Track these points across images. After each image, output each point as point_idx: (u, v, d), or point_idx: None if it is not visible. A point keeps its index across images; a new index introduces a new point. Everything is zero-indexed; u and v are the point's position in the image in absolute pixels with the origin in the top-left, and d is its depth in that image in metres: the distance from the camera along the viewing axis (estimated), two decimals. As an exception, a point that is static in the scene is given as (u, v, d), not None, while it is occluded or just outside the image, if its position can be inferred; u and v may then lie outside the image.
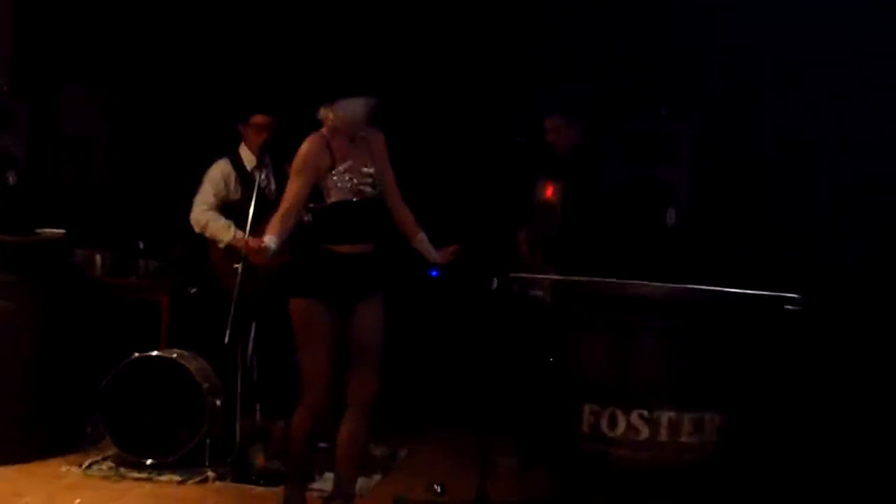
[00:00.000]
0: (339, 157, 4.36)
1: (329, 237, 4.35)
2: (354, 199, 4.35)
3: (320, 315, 4.32)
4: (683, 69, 5.58)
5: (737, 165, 5.17)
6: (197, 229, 5.53)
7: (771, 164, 5.16)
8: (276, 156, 5.55)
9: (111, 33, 6.79)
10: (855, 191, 5.13)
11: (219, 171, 5.59)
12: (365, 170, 4.38)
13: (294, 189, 4.35)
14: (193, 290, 5.81)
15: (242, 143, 5.66)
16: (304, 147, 4.37)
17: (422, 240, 4.52)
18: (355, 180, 4.35)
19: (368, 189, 4.38)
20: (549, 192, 5.01)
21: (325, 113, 4.38)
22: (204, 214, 5.49)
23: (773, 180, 5.17)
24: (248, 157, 5.61)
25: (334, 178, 4.34)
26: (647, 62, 5.96)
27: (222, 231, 5.43)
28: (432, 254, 4.53)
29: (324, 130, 4.39)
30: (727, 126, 5.16)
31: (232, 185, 5.56)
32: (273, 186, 5.53)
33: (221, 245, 5.42)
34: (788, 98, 5.25)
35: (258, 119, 5.61)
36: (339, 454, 4.43)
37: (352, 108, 4.34)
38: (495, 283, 4.78)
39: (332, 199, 4.35)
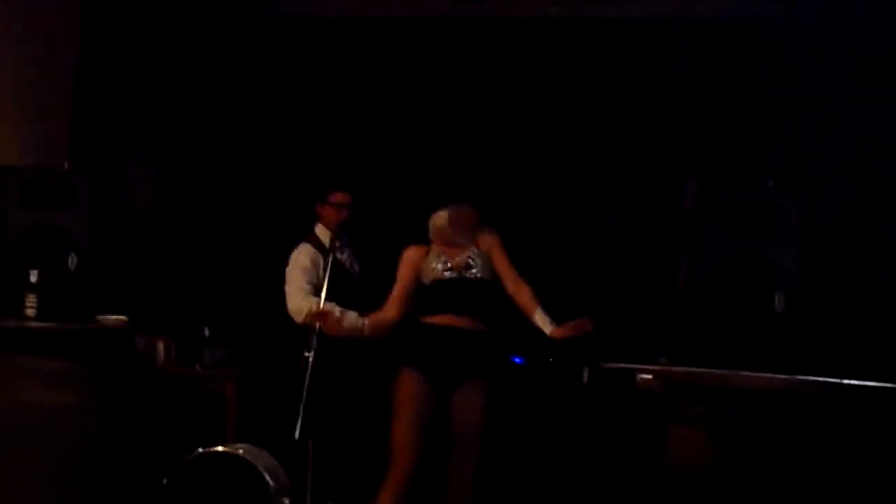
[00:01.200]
0: (437, 249, 4.78)
1: (426, 310, 4.67)
2: (449, 276, 4.65)
3: (416, 385, 4.53)
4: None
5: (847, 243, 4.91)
6: (299, 319, 5.33)
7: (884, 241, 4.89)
8: (353, 236, 5.56)
9: (175, 100, 6.80)
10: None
11: (307, 257, 5.47)
12: (463, 256, 4.69)
13: (396, 288, 4.85)
14: (285, 368, 5.71)
15: (318, 224, 5.55)
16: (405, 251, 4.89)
17: (539, 317, 4.60)
18: (450, 263, 4.67)
19: (465, 271, 4.65)
20: None
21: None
22: (305, 301, 5.31)
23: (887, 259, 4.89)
24: (325, 237, 5.51)
25: (430, 264, 4.72)
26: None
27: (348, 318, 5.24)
28: (550, 330, 4.59)
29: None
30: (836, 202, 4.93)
31: (321, 269, 5.38)
32: (356, 266, 5.53)
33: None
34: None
35: (338, 197, 5.52)
36: None
37: (442, 218, 4.78)
38: (586, 374, 4.68)
39: (427, 279, 4.71)
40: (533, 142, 6.65)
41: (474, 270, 4.64)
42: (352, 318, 4.93)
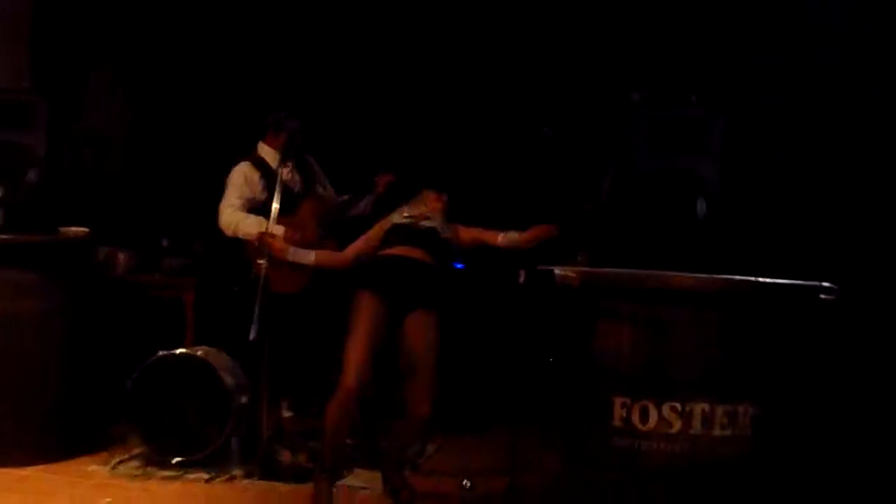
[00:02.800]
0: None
1: (383, 246, 4.80)
2: (406, 222, 4.87)
3: (372, 307, 4.59)
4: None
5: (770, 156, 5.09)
6: (228, 232, 5.54)
7: (806, 153, 5.08)
8: (299, 151, 5.63)
9: (131, 25, 6.84)
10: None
11: (241, 175, 5.61)
12: (423, 211, 4.95)
13: (361, 238, 4.98)
14: (237, 289, 5.70)
15: (262, 143, 5.69)
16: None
17: (503, 238, 4.90)
18: (408, 213, 4.93)
19: (421, 220, 4.88)
20: None
21: None
22: (233, 216, 5.51)
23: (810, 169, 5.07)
24: (270, 156, 5.63)
25: (391, 219, 4.93)
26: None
27: (253, 227, 5.40)
28: (520, 240, 4.89)
29: None
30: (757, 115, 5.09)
31: (257, 186, 5.56)
32: (298, 179, 5.65)
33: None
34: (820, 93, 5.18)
35: (291, 123, 5.63)
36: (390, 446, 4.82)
37: None
38: (523, 276, 4.79)
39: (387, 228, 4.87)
40: (470, 64, 6.76)
41: (428, 223, 4.85)
42: (301, 252, 5.00)
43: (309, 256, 5.02)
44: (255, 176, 5.59)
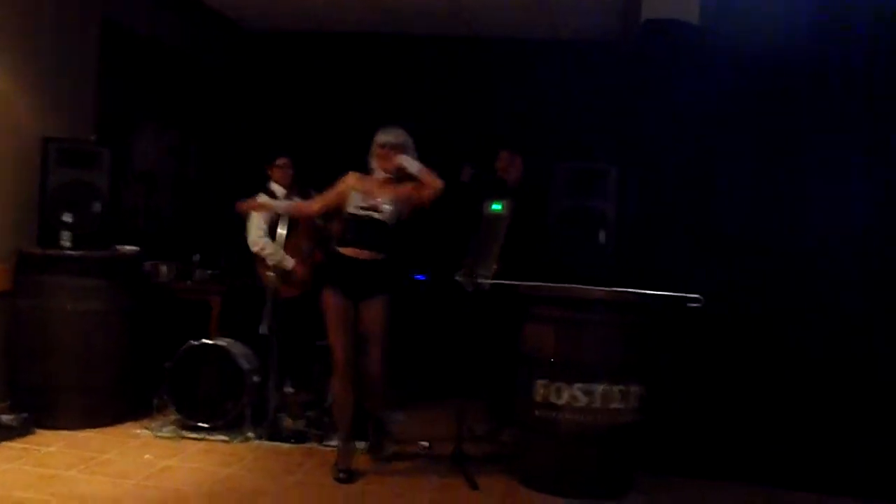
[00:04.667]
0: (362, 186, 4.61)
1: (341, 241, 4.60)
2: (358, 214, 4.53)
3: (333, 299, 4.52)
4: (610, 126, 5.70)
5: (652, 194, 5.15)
6: (255, 249, 5.51)
7: (675, 190, 5.14)
8: (302, 186, 5.67)
9: (174, 88, 6.86)
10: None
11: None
12: (377, 200, 4.55)
13: (332, 190, 4.70)
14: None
15: (271, 181, 5.70)
16: (347, 175, 4.67)
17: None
18: (363, 204, 4.55)
19: (373, 212, 4.53)
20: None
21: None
22: (260, 239, 5.48)
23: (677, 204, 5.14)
24: (279, 191, 5.66)
25: (352, 199, 4.58)
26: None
27: (275, 252, 5.36)
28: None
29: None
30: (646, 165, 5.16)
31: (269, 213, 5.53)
32: None
33: (273, 261, 5.34)
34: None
35: (282, 161, 5.71)
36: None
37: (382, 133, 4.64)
38: (469, 284, 4.79)
39: (346, 211, 4.59)
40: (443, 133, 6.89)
41: (379, 214, 4.50)
42: (271, 201, 4.98)
43: (283, 206, 5.08)
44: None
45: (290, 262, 5.43)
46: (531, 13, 6.56)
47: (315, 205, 4.90)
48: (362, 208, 4.53)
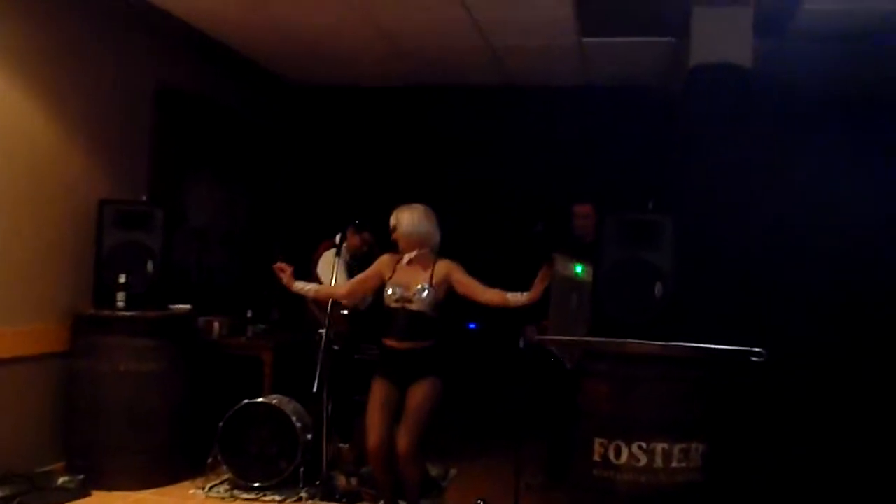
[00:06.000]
0: (396, 274, 4.47)
1: (384, 332, 4.47)
2: (395, 307, 4.40)
3: (378, 387, 4.42)
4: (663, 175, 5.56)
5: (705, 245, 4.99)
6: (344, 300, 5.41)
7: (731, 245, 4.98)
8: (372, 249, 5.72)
9: (222, 145, 6.90)
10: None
11: (330, 256, 5.56)
12: (412, 290, 4.39)
13: (361, 277, 4.67)
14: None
15: (346, 243, 5.64)
16: (380, 259, 4.61)
17: (512, 299, 4.40)
18: (397, 295, 4.39)
19: (408, 304, 4.38)
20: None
21: (392, 223, 4.49)
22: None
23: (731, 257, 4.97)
24: (348, 250, 5.70)
25: (387, 289, 4.44)
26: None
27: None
28: (526, 299, 4.39)
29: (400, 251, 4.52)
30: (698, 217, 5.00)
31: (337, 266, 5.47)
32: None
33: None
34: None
35: (367, 236, 5.78)
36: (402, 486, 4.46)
37: (407, 217, 4.47)
38: (522, 341, 4.68)
39: (385, 303, 4.46)
40: (489, 183, 6.90)
41: (414, 306, 4.35)
42: (301, 284, 4.66)
43: (311, 290, 4.74)
44: (335, 262, 5.45)
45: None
46: (567, 60, 6.46)
47: (341, 290, 4.81)
48: (396, 300, 4.40)
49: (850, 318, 4.62)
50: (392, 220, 4.52)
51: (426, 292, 4.39)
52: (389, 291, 4.43)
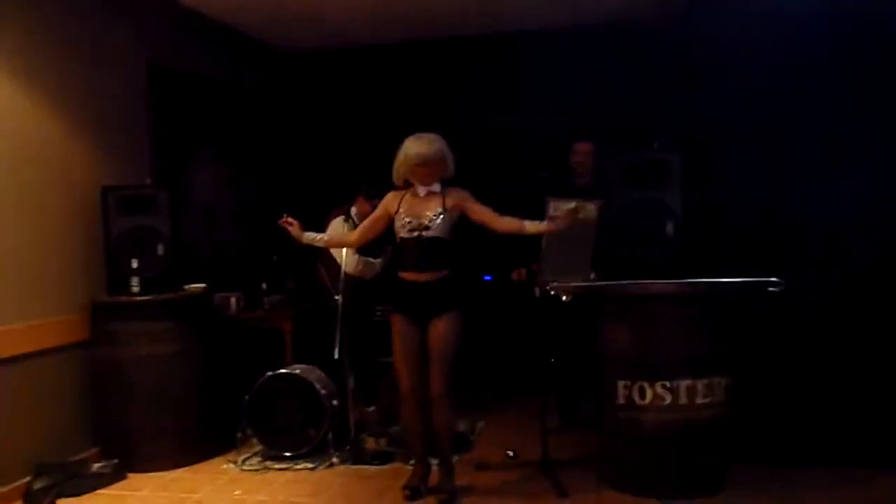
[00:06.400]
0: (406, 206, 4.34)
1: (400, 266, 4.39)
2: (409, 237, 4.28)
3: (400, 324, 4.34)
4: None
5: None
6: (353, 271, 5.58)
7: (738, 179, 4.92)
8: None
9: (223, 122, 6.84)
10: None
11: (339, 223, 5.68)
12: (424, 217, 4.27)
13: (369, 219, 4.55)
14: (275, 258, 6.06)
15: (354, 207, 5.71)
16: (386, 197, 4.45)
17: (530, 227, 4.26)
18: (410, 224, 4.28)
19: (423, 231, 4.25)
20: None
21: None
22: (352, 257, 5.56)
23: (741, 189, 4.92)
24: (358, 217, 5.67)
25: (398, 221, 4.33)
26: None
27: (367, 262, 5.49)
28: (544, 228, 4.26)
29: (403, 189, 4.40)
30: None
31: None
32: None
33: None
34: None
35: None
36: (434, 437, 4.42)
37: (415, 143, 4.28)
38: (537, 290, 4.64)
39: (397, 236, 4.35)
40: (491, 136, 6.81)
41: (430, 232, 4.22)
42: (311, 234, 4.54)
43: (322, 239, 4.69)
44: (345, 227, 5.60)
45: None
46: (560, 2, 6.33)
47: (352, 237, 4.77)
48: (411, 230, 4.28)
49: (868, 245, 4.55)
50: (399, 155, 4.31)
51: (442, 216, 4.26)
52: (404, 221, 4.30)
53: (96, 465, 4.88)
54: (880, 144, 4.59)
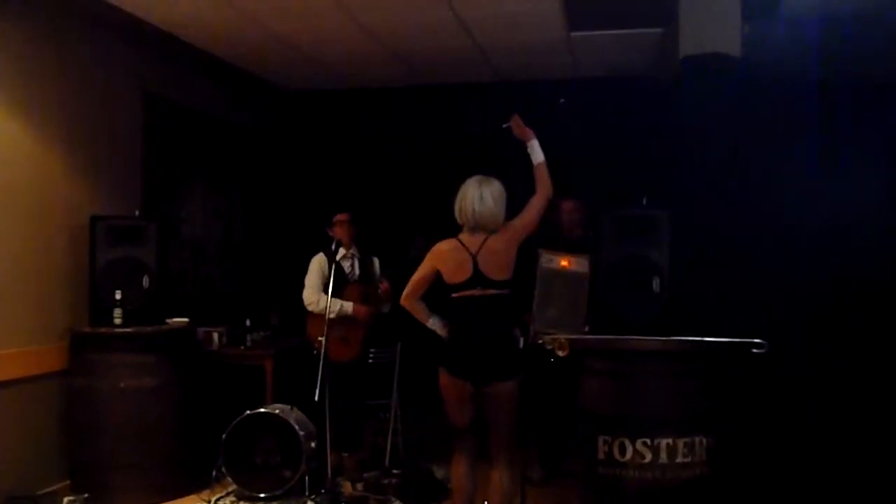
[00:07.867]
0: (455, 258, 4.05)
1: (452, 322, 4.12)
2: (462, 300, 4.01)
3: (449, 378, 4.05)
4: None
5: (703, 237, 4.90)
6: (310, 306, 5.37)
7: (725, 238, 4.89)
8: (363, 248, 5.57)
9: (215, 154, 6.82)
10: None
11: (318, 263, 5.47)
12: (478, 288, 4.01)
13: (414, 276, 4.13)
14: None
15: (337, 241, 5.43)
16: (433, 250, 4.10)
17: (544, 188, 4.30)
18: (461, 292, 4.02)
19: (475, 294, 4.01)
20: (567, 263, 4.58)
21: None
22: (315, 294, 5.36)
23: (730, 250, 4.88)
24: (341, 252, 5.46)
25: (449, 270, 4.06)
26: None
27: (333, 304, 5.15)
28: (536, 162, 4.35)
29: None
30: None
31: (327, 271, 5.40)
32: (357, 271, 5.52)
33: (332, 314, 5.08)
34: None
35: (341, 217, 5.48)
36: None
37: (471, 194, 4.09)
38: (521, 341, 4.57)
39: (452, 293, 4.06)
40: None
41: (481, 292, 3.96)
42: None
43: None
44: (326, 265, 5.44)
45: (349, 306, 5.33)
46: (556, 54, 6.37)
47: (404, 296, 4.19)
48: (457, 291, 3.99)
49: (850, 308, 4.53)
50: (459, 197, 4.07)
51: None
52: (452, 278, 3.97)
53: (66, 499, 4.77)
54: (864, 209, 4.58)
